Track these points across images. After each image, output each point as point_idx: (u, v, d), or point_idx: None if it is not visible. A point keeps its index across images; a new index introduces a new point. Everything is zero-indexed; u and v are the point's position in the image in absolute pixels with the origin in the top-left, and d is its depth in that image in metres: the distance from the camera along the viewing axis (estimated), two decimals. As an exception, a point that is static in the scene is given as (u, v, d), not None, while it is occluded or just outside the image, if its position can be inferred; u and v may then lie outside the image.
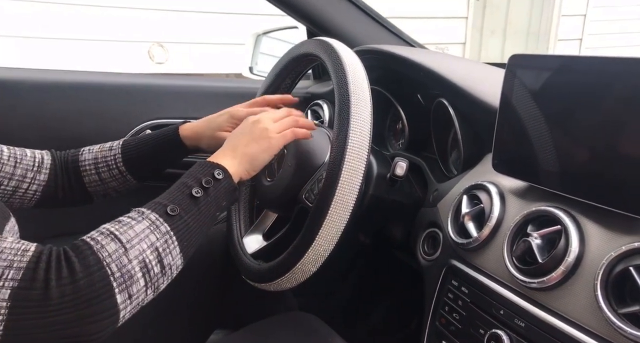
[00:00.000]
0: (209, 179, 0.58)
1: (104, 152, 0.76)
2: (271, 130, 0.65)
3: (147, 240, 0.51)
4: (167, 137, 0.77)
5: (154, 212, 0.53)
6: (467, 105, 0.75)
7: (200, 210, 0.56)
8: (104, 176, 0.75)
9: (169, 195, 0.56)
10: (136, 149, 0.76)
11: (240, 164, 0.62)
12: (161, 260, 0.51)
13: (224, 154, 0.63)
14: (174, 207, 0.54)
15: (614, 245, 0.49)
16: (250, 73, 1.40)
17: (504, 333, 0.57)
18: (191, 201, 0.56)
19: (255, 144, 0.64)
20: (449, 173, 0.83)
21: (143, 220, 0.52)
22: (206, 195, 0.57)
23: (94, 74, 1.16)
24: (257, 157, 0.64)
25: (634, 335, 0.44)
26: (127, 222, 0.52)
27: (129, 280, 0.48)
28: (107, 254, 0.48)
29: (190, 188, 0.56)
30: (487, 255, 0.63)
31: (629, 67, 0.48)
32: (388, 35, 1.11)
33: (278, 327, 0.76)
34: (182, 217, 0.54)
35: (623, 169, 0.49)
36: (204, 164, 0.60)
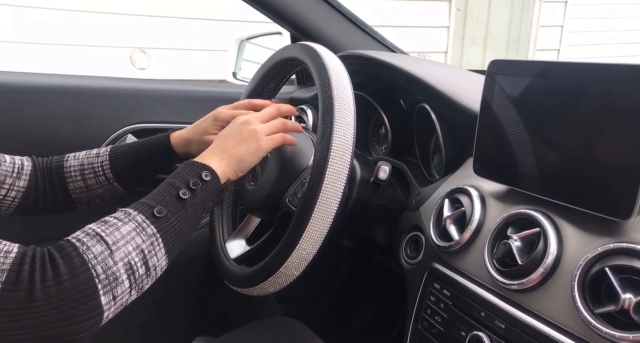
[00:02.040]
0: (197, 181, 0.58)
1: (91, 158, 0.75)
2: (260, 131, 0.65)
3: (133, 242, 0.50)
4: (158, 144, 0.76)
5: (140, 214, 0.53)
6: (449, 110, 0.76)
7: (186, 212, 0.56)
8: (90, 183, 0.74)
9: (156, 196, 0.56)
10: (125, 156, 0.75)
11: (228, 165, 0.62)
12: (146, 262, 0.51)
13: (212, 154, 0.63)
14: (160, 209, 0.54)
15: (591, 246, 0.50)
16: (234, 78, 1.40)
17: (484, 334, 0.58)
18: (178, 203, 0.56)
19: (243, 145, 0.64)
20: (431, 178, 0.84)
21: (130, 221, 0.52)
22: (193, 197, 0.57)
23: (73, 77, 1.14)
24: (245, 159, 0.64)
25: (610, 334, 0.45)
26: (113, 223, 0.51)
27: (113, 282, 0.48)
28: (92, 256, 0.47)
29: (178, 190, 0.56)
30: (468, 257, 0.64)
31: (603, 73, 0.49)
32: (371, 41, 1.13)
33: (261, 333, 0.75)
34: (169, 218, 0.54)
35: (599, 172, 0.50)
36: (192, 164, 0.60)
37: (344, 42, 1.08)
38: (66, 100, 1.06)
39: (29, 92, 1.03)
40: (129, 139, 1.10)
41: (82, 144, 1.07)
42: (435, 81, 0.78)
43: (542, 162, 0.56)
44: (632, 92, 0.46)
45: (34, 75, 1.10)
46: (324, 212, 0.60)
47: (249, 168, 0.65)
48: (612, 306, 0.46)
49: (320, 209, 0.59)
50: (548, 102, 0.55)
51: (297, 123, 0.71)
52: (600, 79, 0.49)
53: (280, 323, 0.78)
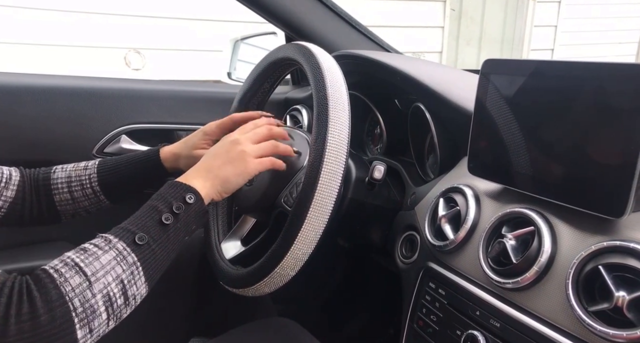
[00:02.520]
0: (180, 205, 0.56)
1: (79, 171, 0.74)
2: (249, 153, 0.62)
3: (112, 272, 0.49)
4: (147, 159, 0.75)
5: (121, 241, 0.51)
6: (443, 109, 0.76)
7: (169, 237, 0.55)
8: (76, 195, 0.73)
9: (137, 221, 0.54)
10: (113, 170, 0.74)
11: (213, 186, 0.60)
12: (125, 292, 0.50)
13: (197, 174, 0.61)
14: (142, 236, 0.52)
15: (585, 244, 0.50)
16: (229, 78, 1.39)
17: (479, 333, 0.58)
18: (160, 228, 0.54)
19: (230, 166, 0.61)
20: (426, 177, 0.84)
21: (110, 250, 0.50)
22: (176, 221, 0.55)
23: (65, 78, 1.13)
24: (231, 180, 0.61)
25: (603, 332, 0.45)
26: (93, 251, 0.50)
27: (91, 315, 0.47)
28: (70, 288, 0.46)
29: (160, 214, 0.54)
30: (463, 256, 0.64)
31: (596, 72, 0.49)
32: (366, 41, 1.13)
33: (256, 333, 0.75)
34: (150, 245, 0.53)
35: (592, 171, 0.50)
36: (175, 185, 0.58)
37: (339, 42, 1.08)
38: (59, 101, 1.05)
39: (22, 93, 1.03)
40: (122, 140, 1.09)
41: (76, 145, 1.06)
42: (430, 81, 0.78)
43: (536, 161, 0.56)
44: (625, 91, 0.47)
45: (26, 76, 1.09)
46: (319, 212, 0.59)
47: (234, 189, 0.63)
48: (605, 304, 0.46)
49: (316, 209, 0.59)
50: (542, 101, 0.55)
51: (289, 147, 0.68)
52: (594, 78, 0.50)
53: (276, 324, 0.78)
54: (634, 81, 0.46)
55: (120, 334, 0.77)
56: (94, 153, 1.07)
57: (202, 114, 1.17)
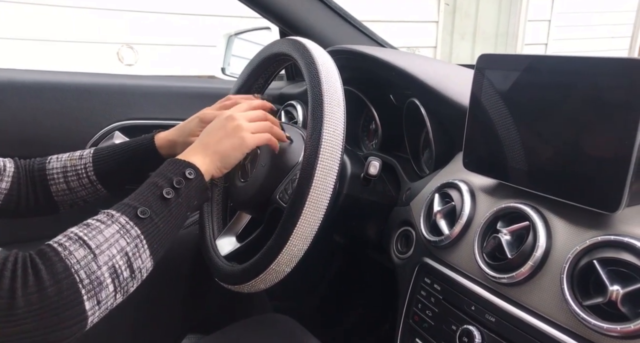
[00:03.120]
0: (180, 179, 0.57)
1: (74, 160, 0.73)
2: (245, 128, 0.63)
3: (117, 245, 0.50)
4: (142, 146, 0.75)
5: (123, 215, 0.52)
6: (438, 104, 0.76)
7: (171, 212, 0.55)
8: (73, 185, 0.73)
9: (138, 196, 0.55)
10: (109, 158, 0.74)
11: (212, 162, 0.61)
12: (131, 265, 0.50)
13: (195, 151, 0.62)
14: (144, 210, 0.53)
15: (579, 239, 0.51)
16: (223, 73, 1.39)
17: (475, 328, 0.58)
18: (162, 202, 0.55)
19: (227, 141, 0.62)
20: (421, 173, 0.84)
21: (113, 224, 0.51)
22: (177, 196, 0.56)
23: (57, 73, 1.12)
24: (229, 155, 0.62)
25: (598, 326, 0.45)
26: (96, 226, 0.50)
27: (97, 287, 0.47)
28: (75, 261, 0.46)
29: (161, 189, 0.55)
30: (458, 252, 0.64)
31: (591, 67, 0.49)
32: (360, 36, 1.12)
33: (252, 330, 0.75)
34: (153, 219, 0.53)
35: (587, 165, 0.50)
36: (175, 161, 0.59)
37: (333, 37, 1.08)
38: (51, 97, 1.04)
39: (12, 88, 1.02)
40: (116, 136, 1.09)
41: (68, 142, 1.06)
42: (425, 76, 0.78)
43: (531, 156, 0.56)
44: (620, 85, 0.47)
45: (16, 72, 1.08)
46: (314, 208, 0.59)
47: (233, 164, 0.64)
48: (600, 298, 0.46)
49: (311, 205, 0.59)
50: (536, 96, 0.55)
51: (282, 132, 0.69)
52: (588, 73, 0.50)
53: (271, 320, 0.78)
54: (627, 76, 0.46)
55: (116, 330, 0.77)
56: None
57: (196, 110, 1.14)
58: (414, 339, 0.69)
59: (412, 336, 0.69)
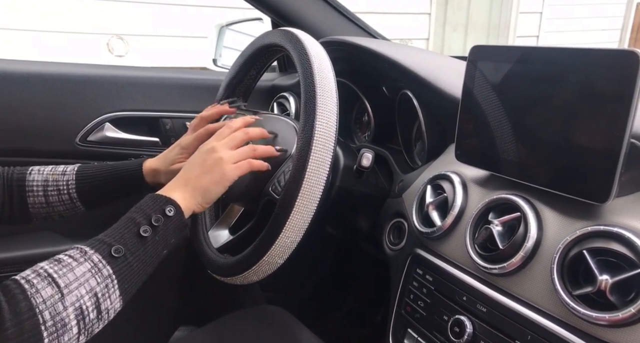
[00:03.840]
0: (159, 217, 0.55)
1: (56, 175, 0.72)
2: (226, 159, 0.62)
3: (86, 284, 0.48)
4: (129, 171, 0.74)
5: (97, 253, 0.50)
6: (431, 96, 0.76)
7: (146, 251, 0.54)
8: (52, 200, 0.72)
9: (115, 232, 0.53)
10: (93, 178, 0.73)
11: (193, 198, 0.60)
12: (99, 306, 0.49)
13: (176, 187, 0.60)
14: (118, 248, 0.51)
15: (570, 230, 0.51)
16: (214, 65, 1.37)
17: (466, 318, 0.59)
18: (138, 241, 0.53)
19: (208, 176, 0.61)
20: (413, 164, 0.84)
21: (85, 261, 0.49)
22: (154, 234, 0.55)
23: (46, 64, 1.11)
24: (210, 190, 0.61)
25: (587, 315, 0.46)
26: (67, 262, 0.49)
27: (61, 329, 0.45)
28: (41, 300, 0.45)
29: (139, 226, 0.54)
30: (450, 243, 0.64)
31: (583, 58, 0.49)
32: (353, 27, 1.12)
33: (245, 321, 0.75)
34: (127, 258, 0.52)
35: (578, 157, 0.51)
36: (156, 197, 0.58)
37: (326, 28, 1.07)
38: (40, 88, 1.03)
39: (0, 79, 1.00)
40: (107, 128, 1.08)
41: (58, 133, 1.04)
42: (418, 67, 0.78)
43: (522, 147, 0.57)
44: (610, 76, 0.47)
45: (4, 62, 1.06)
46: (307, 200, 0.59)
47: (215, 198, 0.63)
48: (589, 287, 0.47)
49: (304, 197, 0.59)
50: (528, 88, 0.55)
51: (268, 148, 0.67)
52: (580, 64, 0.50)
53: (264, 312, 0.78)
54: (618, 67, 0.46)
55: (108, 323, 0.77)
56: (77, 141, 1.05)
57: (188, 101, 1.15)
58: (406, 330, 0.69)
59: (404, 326, 0.70)
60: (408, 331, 0.69)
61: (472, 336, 0.58)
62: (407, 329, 0.69)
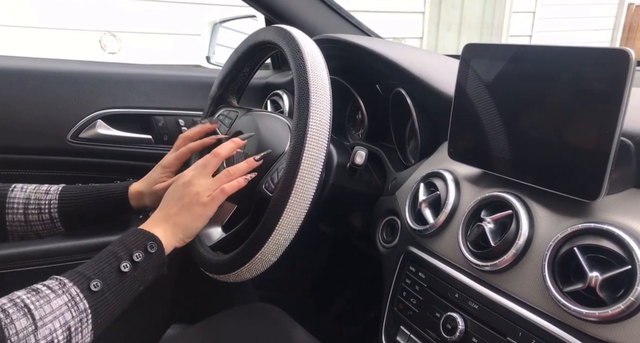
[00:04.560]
0: (140, 253, 0.56)
1: (39, 194, 0.71)
2: (202, 193, 0.62)
3: (61, 318, 0.48)
4: (114, 194, 0.74)
5: (75, 286, 0.51)
6: (424, 94, 0.76)
7: (124, 286, 0.54)
8: (31, 218, 0.71)
9: (95, 266, 0.54)
10: (77, 199, 0.72)
11: (174, 234, 0.61)
12: (70, 340, 0.49)
13: (158, 222, 0.61)
14: (97, 283, 0.52)
15: (561, 227, 0.51)
16: (208, 62, 1.37)
17: (458, 315, 0.59)
18: (117, 276, 0.54)
19: (186, 213, 0.61)
20: (406, 162, 0.84)
21: (63, 294, 0.50)
22: (134, 270, 0.55)
23: (37, 60, 1.10)
24: (190, 226, 0.62)
25: (577, 311, 0.47)
26: (45, 293, 0.49)
27: None
28: (14, 331, 0.45)
29: (119, 261, 0.54)
30: (443, 240, 0.65)
31: (575, 57, 0.50)
32: (347, 25, 1.12)
33: (238, 319, 0.75)
34: (104, 293, 0.52)
35: (569, 155, 0.51)
36: (139, 233, 0.58)
37: (320, 26, 1.07)
38: (31, 84, 1.02)
39: None
40: (99, 125, 1.07)
41: (49, 130, 1.04)
42: (411, 65, 0.78)
43: (514, 145, 0.57)
44: (602, 75, 0.47)
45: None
46: (300, 197, 0.59)
47: (196, 233, 0.63)
48: (580, 284, 0.47)
49: (297, 195, 0.59)
50: (521, 86, 0.55)
51: (242, 165, 0.66)
52: (572, 63, 0.50)
53: (257, 309, 0.78)
54: (609, 66, 0.46)
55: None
56: (68, 138, 1.05)
57: (181, 99, 1.15)
58: (398, 327, 0.69)
59: (396, 323, 0.70)
60: (401, 328, 0.69)
61: (464, 333, 0.58)
62: (399, 326, 0.69)
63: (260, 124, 0.72)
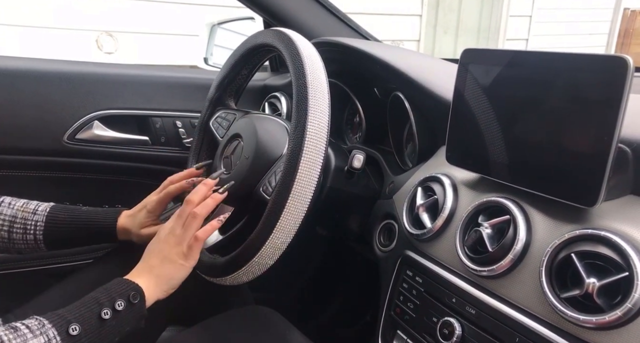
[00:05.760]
0: (122, 302, 0.57)
1: (26, 213, 0.71)
2: (182, 244, 0.63)
3: None
4: (102, 225, 0.75)
5: (54, 328, 0.52)
6: (422, 98, 0.76)
7: (101, 334, 0.55)
8: (15, 237, 0.71)
9: (76, 310, 0.55)
10: (64, 224, 0.73)
11: (157, 285, 0.62)
12: None
13: (142, 273, 0.62)
14: (75, 326, 0.53)
15: (558, 233, 0.52)
16: (206, 64, 1.36)
17: (455, 320, 0.59)
18: (97, 322, 0.55)
19: (168, 264, 0.63)
20: (404, 166, 0.84)
21: (40, 335, 0.50)
22: (114, 318, 0.56)
23: (33, 60, 1.09)
24: (174, 277, 0.63)
25: (574, 317, 0.47)
26: (23, 333, 0.50)
27: None
28: None
29: (101, 308, 0.55)
30: (440, 245, 0.65)
31: (572, 63, 0.50)
32: (345, 28, 1.12)
33: (234, 322, 0.75)
34: (81, 338, 0.53)
35: (567, 161, 0.51)
36: (123, 282, 0.59)
37: (318, 29, 1.07)
38: (27, 85, 1.01)
39: None
40: (95, 126, 1.06)
41: (46, 132, 1.03)
42: (409, 69, 0.78)
43: (512, 150, 0.57)
44: (599, 82, 0.47)
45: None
46: (298, 201, 0.59)
47: (179, 283, 0.64)
48: (577, 290, 0.47)
49: (295, 198, 0.59)
50: (519, 91, 0.55)
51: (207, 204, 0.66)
52: (570, 69, 0.50)
53: (253, 312, 0.78)
54: (607, 72, 0.47)
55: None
56: (65, 139, 1.04)
57: (178, 100, 1.14)
58: (395, 331, 0.69)
59: (393, 328, 0.70)
60: (397, 332, 0.69)
61: (460, 338, 0.58)
62: (396, 330, 0.69)
63: (258, 126, 0.72)
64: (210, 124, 0.84)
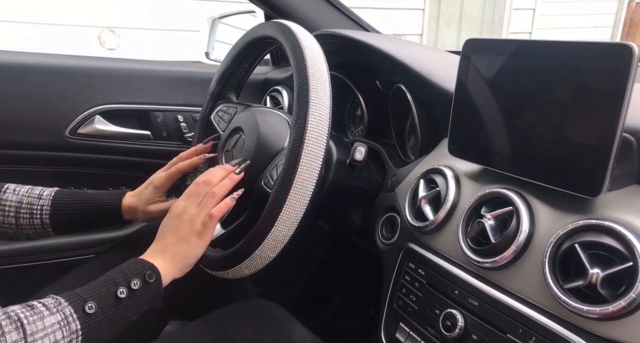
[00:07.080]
0: (138, 281, 0.57)
1: (32, 198, 0.71)
2: (197, 221, 0.62)
3: (52, 336, 0.49)
4: (107, 205, 0.74)
5: (70, 306, 0.52)
6: (424, 90, 0.76)
7: (117, 312, 0.55)
8: (22, 222, 0.71)
9: (92, 289, 0.54)
10: (70, 206, 0.73)
11: (172, 265, 0.61)
12: None
13: (156, 254, 0.62)
14: (92, 305, 0.53)
15: (561, 223, 0.51)
16: (207, 58, 1.36)
17: (458, 312, 0.59)
18: (113, 301, 0.55)
19: (183, 243, 0.62)
20: (406, 159, 0.84)
21: (57, 312, 0.50)
22: (130, 297, 0.56)
23: (36, 55, 1.09)
24: (189, 255, 0.62)
25: (577, 308, 0.46)
26: (40, 310, 0.50)
27: None
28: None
29: (117, 287, 0.55)
30: (442, 237, 0.64)
31: (576, 52, 0.49)
32: (346, 20, 1.11)
33: (236, 316, 0.75)
34: (97, 316, 0.53)
35: (570, 151, 0.51)
36: (138, 262, 0.59)
37: (319, 21, 1.06)
38: (29, 79, 1.01)
39: None
40: (97, 121, 1.06)
41: (48, 126, 1.03)
42: (411, 61, 0.78)
43: (515, 141, 0.57)
44: (603, 71, 0.47)
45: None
46: (300, 194, 0.59)
47: (194, 262, 0.64)
48: (580, 281, 0.47)
49: (296, 191, 0.59)
50: (521, 82, 0.55)
51: (226, 183, 0.65)
52: (574, 58, 0.50)
53: (255, 306, 0.78)
54: (612, 61, 0.46)
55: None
56: (66, 134, 1.04)
57: (180, 95, 1.14)
58: (398, 323, 0.69)
59: (396, 320, 0.70)
60: (400, 325, 0.69)
61: (463, 329, 0.58)
62: (399, 323, 0.69)
63: (259, 119, 0.72)
64: (211, 117, 0.83)
